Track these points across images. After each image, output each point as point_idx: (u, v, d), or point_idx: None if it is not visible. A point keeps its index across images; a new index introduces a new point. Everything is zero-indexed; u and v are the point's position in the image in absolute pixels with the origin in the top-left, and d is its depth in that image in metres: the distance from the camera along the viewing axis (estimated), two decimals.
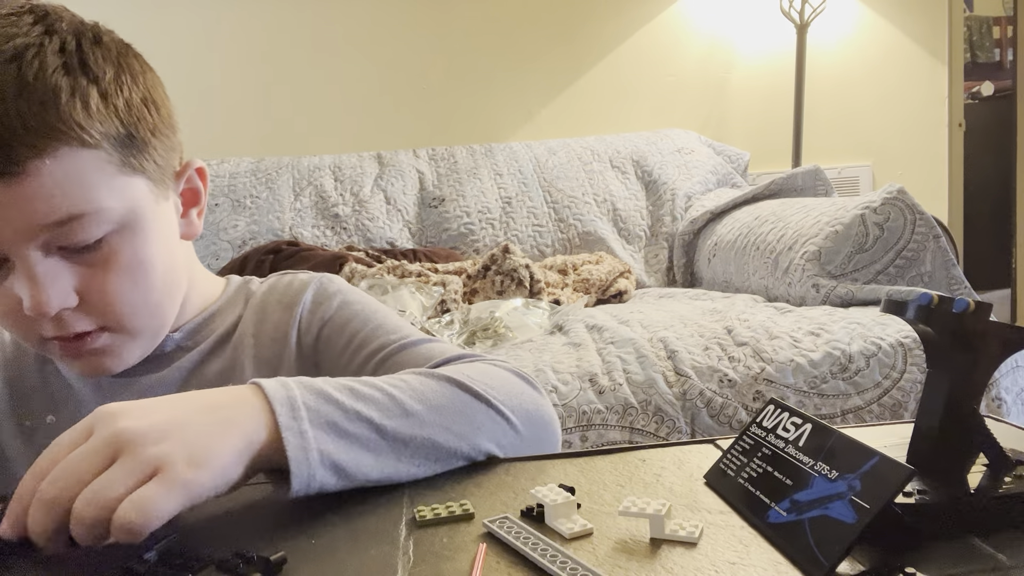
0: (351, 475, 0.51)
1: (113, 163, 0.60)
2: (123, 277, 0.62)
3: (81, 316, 0.61)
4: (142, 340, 0.66)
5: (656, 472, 0.54)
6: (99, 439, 0.45)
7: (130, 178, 0.62)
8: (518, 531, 0.44)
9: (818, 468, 0.44)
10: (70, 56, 0.59)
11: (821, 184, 2.05)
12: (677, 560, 0.42)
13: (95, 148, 0.58)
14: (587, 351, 1.38)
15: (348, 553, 0.44)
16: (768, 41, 2.78)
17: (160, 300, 0.66)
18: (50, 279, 0.59)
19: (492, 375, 0.63)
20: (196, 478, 0.45)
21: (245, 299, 0.76)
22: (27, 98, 0.55)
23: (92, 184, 0.58)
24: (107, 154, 0.59)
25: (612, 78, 2.76)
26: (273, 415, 0.50)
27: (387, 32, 2.64)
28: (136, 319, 0.64)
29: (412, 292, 1.74)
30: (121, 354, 0.65)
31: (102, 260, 0.61)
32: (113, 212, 0.60)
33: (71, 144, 0.57)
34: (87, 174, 0.58)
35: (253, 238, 2.14)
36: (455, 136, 2.66)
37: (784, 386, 1.28)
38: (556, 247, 2.24)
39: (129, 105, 0.61)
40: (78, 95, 0.58)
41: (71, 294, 0.60)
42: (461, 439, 0.56)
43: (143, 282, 0.63)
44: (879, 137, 2.87)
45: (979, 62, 4.22)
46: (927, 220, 1.54)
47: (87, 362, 0.64)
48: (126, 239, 0.62)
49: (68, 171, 0.57)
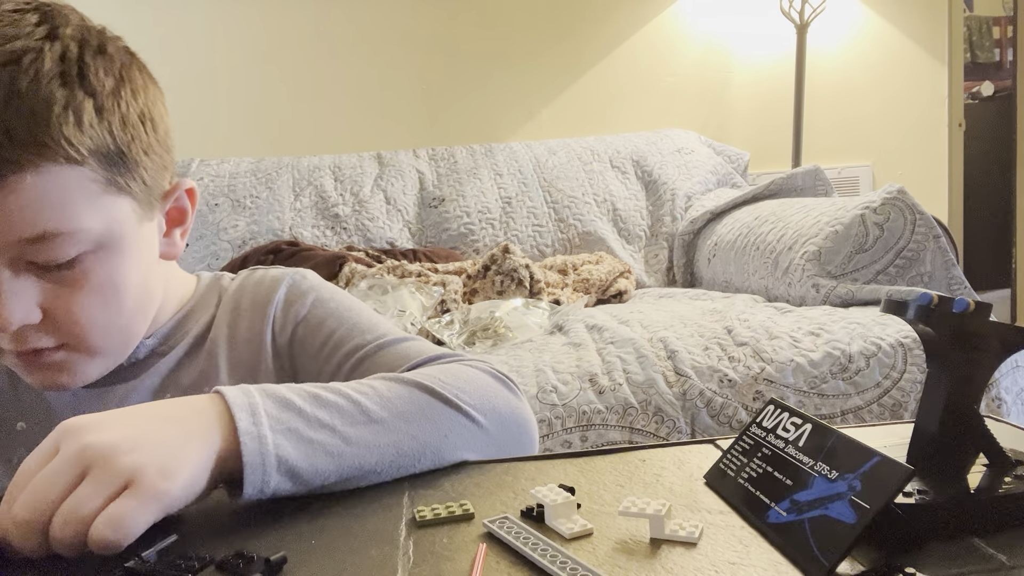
0: (307, 481, 0.51)
1: (98, 181, 0.57)
2: (93, 298, 0.60)
3: (42, 333, 0.59)
4: (102, 359, 0.64)
5: (656, 472, 0.54)
6: (66, 456, 0.44)
7: (114, 198, 0.59)
8: (518, 531, 0.44)
9: (818, 468, 0.44)
10: (70, 65, 0.56)
11: (821, 184, 2.05)
12: (677, 560, 0.42)
13: (81, 165, 0.56)
14: (587, 351, 1.38)
15: (348, 553, 0.44)
16: (768, 41, 2.78)
17: (128, 322, 0.64)
18: (13, 294, 0.56)
19: (465, 378, 0.62)
20: (168, 489, 0.45)
21: (218, 296, 0.74)
22: (16, 108, 0.53)
23: (73, 202, 0.56)
24: (93, 172, 0.57)
25: (612, 78, 2.76)
26: (233, 422, 0.49)
27: (387, 32, 2.64)
28: (100, 340, 0.62)
29: (412, 292, 1.74)
30: (77, 371, 0.63)
31: (72, 279, 0.58)
32: (91, 232, 0.57)
33: (56, 160, 0.54)
34: (69, 192, 0.55)
35: (253, 238, 2.14)
36: (455, 136, 2.66)
37: (784, 386, 1.28)
38: (556, 247, 2.24)
39: (125, 122, 0.59)
40: (71, 109, 0.55)
41: (34, 310, 0.58)
42: (426, 447, 0.56)
43: (113, 304, 0.61)
44: (879, 137, 2.87)
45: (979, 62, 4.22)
46: (927, 220, 1.54)
47: (43, 376, 0.62)
48: (101, 260, 0.59)
49: (49, 188, 0.54)
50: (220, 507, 0.52)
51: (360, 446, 0.53)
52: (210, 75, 2.54)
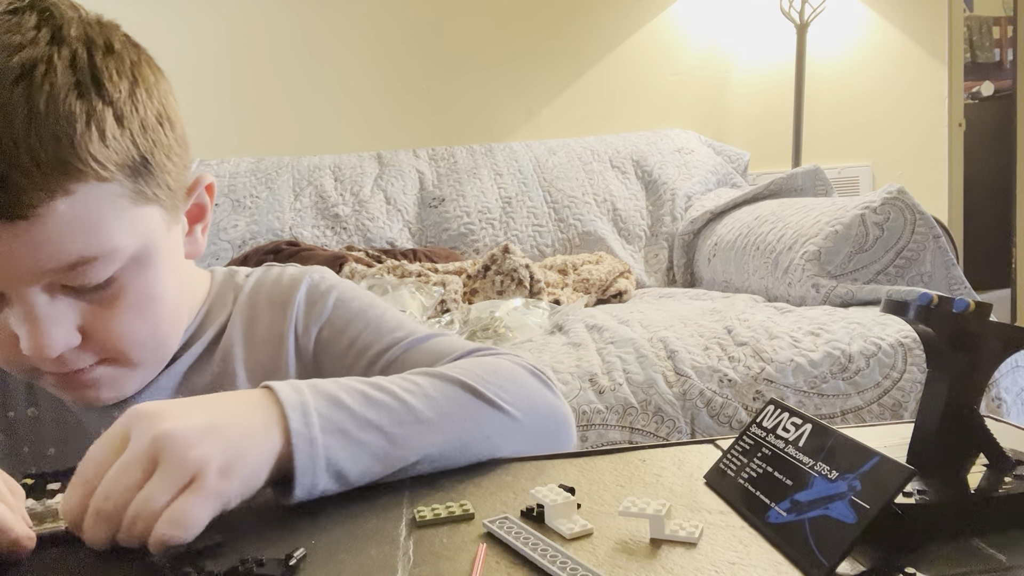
0: (353, 482, 0.51)
1: (127, 196, 0.55)
2: (132, 313, 0.58)
3: (83, 353, 0.58)
4: (143, 371, 0.63)
5: (656, 472, 0.54)
6: (139, 446, 0.44)
7: (143, 209, 0.57)
8: (518, 531, 0.44)
9: (818, 468, 0.44)
10: (82, 72, 0.53)
11: (821, 184, 2.05)
12: (677, 560, 0.42)
13: (109, 182, 0.53)
14: (587, 351, 1.38)
15: (348, 553, 0.44)
16: (768, 41, 2.78)
17: (167, 332, 0.63)
18: (53, 321, 0.54)
19: (505, 375, 0.61)
20: (228, 487, 0.45)
21: (233, 294, 0.73)
22: (38, 130, 0.49)
23: (105, 223, 0.54)
24: (121, 187, 0.55)
25: (612, 78, 2.76)
26: (286, 420, 0.49)
27: (387, 32, 2.64)
28: (141, 352, 0.61)
29: (412, 292, 1.74)
30: (118, 386, 0.62)
31: (110, 298, 0.57)
32: (126, 250, 0.56)
33: (87, 181, 0.52)
34: (101, 212, 0.53)
35: (253, 238, 2.14)
36: (455, 136, 2.66)
37: (784, 386, 1.28)
38: (556, 247, 2.24)
39: (144, 127, 0.56)
40: (94, 123, 0.52)
41: (74, 333, 0.56)
42: (468, 447, 0.56)
43: (152, 316, 0.60)
44: (879, 137, 2.87)
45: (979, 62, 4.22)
46: (927, 220, 1.54)
47: (84, 394, 0.61)
48: (137, 275, 0.58)
49: (80, 212, 0.52)
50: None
51: (405, 447, 0.53)
52: (210, 75, 2.54)
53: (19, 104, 0.49)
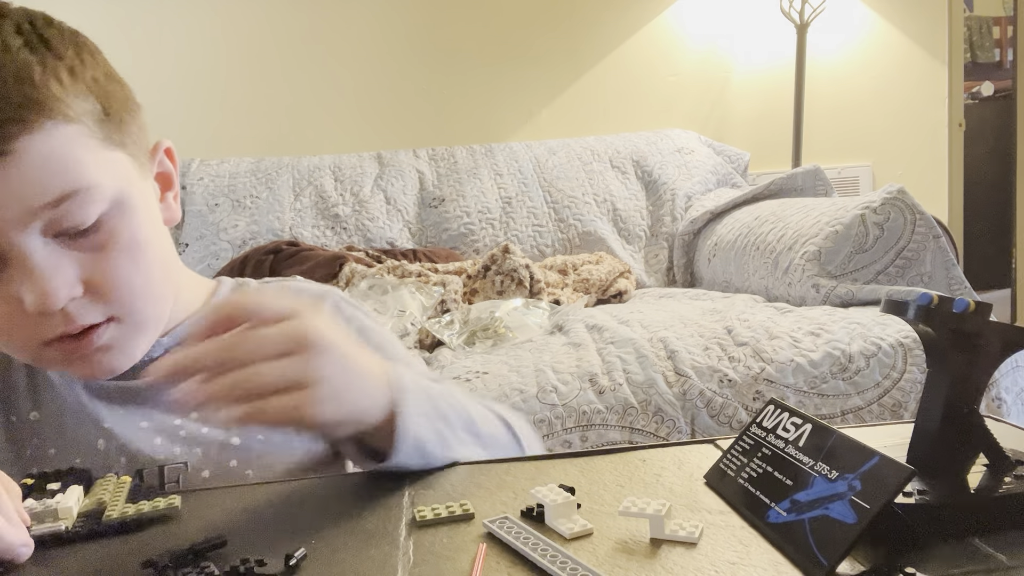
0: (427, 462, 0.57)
1: (96, 138, 0.58)
2: (124, 258, 0.60)
3: (88, 305, 0.59)
4: (146, 332, 0.65)
5: (656, 472, 0.54)
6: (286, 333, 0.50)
7: (113, 153, 0.60)
8: (518, 531, 0.44)
9: (818, 468, 0.44)
10: (29, 36, 0.57)
11: (821, 184, 2.05)
12: (677, 560, 0.42)
13: (77, 123, 0.57)
14: (587, 351, 1.38)
15: (348, 553, 0.44)
16: (768, 41, 2.78)
17: (160, 286, 0.65)
18: (52, 269, 0.56)
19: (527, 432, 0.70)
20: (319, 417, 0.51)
21: None
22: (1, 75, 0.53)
23: (80, 160, 0.57)
24: (88, 129, 0.58)
25: (612, 78, 2.76)
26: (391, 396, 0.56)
27: (387, 32, 2.64)
28: (141, 304, 0.62)
29: (412, 292, 1.74)
30: (127, 348, 0.63)
31: (101, 244, 0.59)
32: (105, 189, 0.58)
33: (55, 118, 0.55)
34: (75, 149, 0.56)
35: (253, 238, 2.13)
36: (455, 136, 2.66)
37: (784, 386, 1.28)
38: (556, 247, 2.24)
39: (96, 81, 0.60)
40: (50, 71, 0.56)
41: (76, 283, 0.58)
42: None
43: (143, 263, 0.62)
44: (879, 137, 2.87)
45: (979, 62, 4.22)
46: (927, 220, 1.54)
47: (94, 362, 0.62)
48: (122, 219, 0.60)
49: (55, 148, 0.55)
50: (220, 508, 0.52)
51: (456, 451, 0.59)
52: (210, 75, 2.54)
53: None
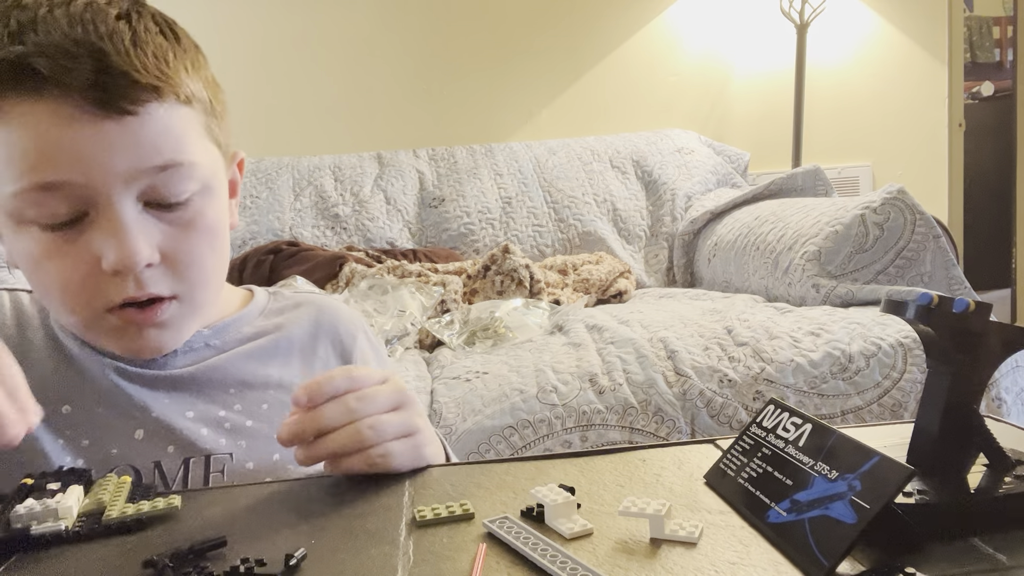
0: None
1: (201, 124, 0.63)
2: (204, 239, 0.64)
3: (160, 276, 0.62)
4: (200, 315, 0.68)
5: (656, 472, 0.54)
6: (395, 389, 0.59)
7: (210, 144, 0.65)
8: (518, 531, 0.44)
9: (818, 468, 0.44)
10: (163, 27, 0.63)
11: (821, 184, 2.05)
12: (677, 560, 0.42)
13: (191, 106, 0.62)
14: (587, 351, 1.38)
15: (348, 553, 0.44)
16: (768, 41, 2.78)
17: (223, 275, 0.69)
18: (140, 231, 0.59)
19: None
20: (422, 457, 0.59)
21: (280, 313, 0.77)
22: (142, 48, 0.59)
23: (189, 137, 0.62)
24: (197, 115, 0.63)
25: (612, 78, 2.76)
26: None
27: (387, 32, 2.64)
28: (206, 288, 0.66)
29: (412, 292, 1.74)
30: (180, 328, 0.66)
31: (187, 220, 0.62)
32: (203, 169, 0.63)
33: (178, 97, 0.61)
34: (186, 127, 0.61)
35: (253, 238, 2.13)
36: (455, 136, 2.66)
37: (784, 386, 1.28)
38: (556, 247, 2.24)
39: (208, 80, 0.66)
40: (179, 57, 0.62)
41: (156, 250, 0.60)
42: None
43: (217, 248, 0.66)
44: (879, 137, 2.87)
45: (979, 62, 4.22)
46: (927, 220, 1.54)
47: (146, 336, 0.64)
48: (208, 202, 0.64)
49: (172, 121, 0.60)
50: (220, 508, 0.52)
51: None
52: None
53: (124, 31, 0.59)
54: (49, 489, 0.52)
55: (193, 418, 0.67)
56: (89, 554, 0.46)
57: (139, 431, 0.65)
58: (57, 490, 0.51)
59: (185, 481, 0.66)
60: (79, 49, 0.57)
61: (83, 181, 0.57)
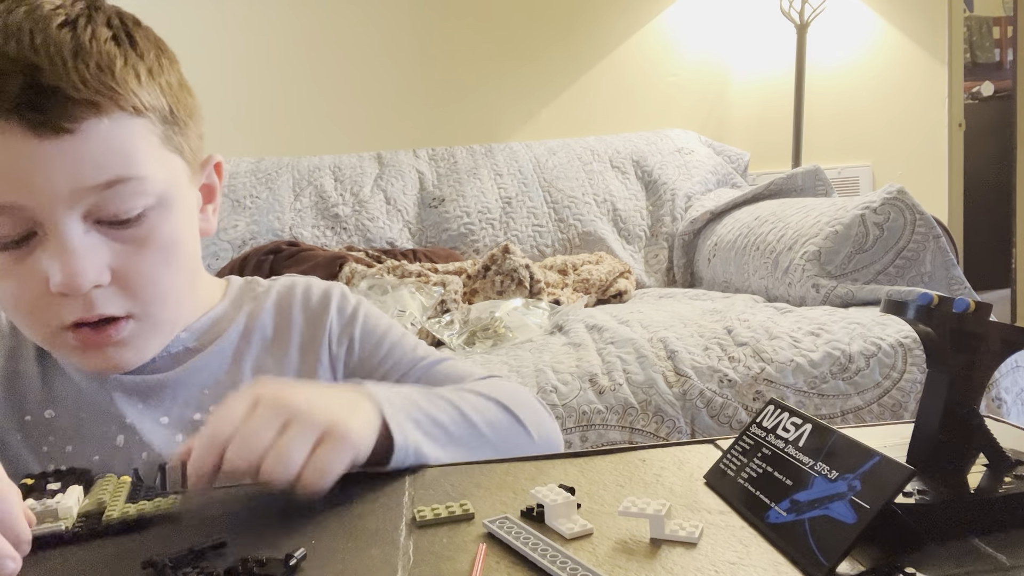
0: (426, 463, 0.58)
1: (157, 135, 0.61)
2: (158, 256, 0.61)
3: (111, 296, 0.60)
4: (161, 333, 0.66)
5: (656, 472, 0.54)
6: (270, 409, 0.50)
7: (170, 154, 0.62)
8: (518, 531, 0.44)
9: (818, 468, 0.44)
10: (118, 31, 0.60)
11: (821, 184, 2.05)
12: (677, 560, 0.42)
13: (143, 117, 0.59)
14: (587, 351, 1.38)
15: (348, 553, 0.44)
16: (768, 41, 2.78)
17: (183, 291, 0.66)
18: (86, 252, 0.57)
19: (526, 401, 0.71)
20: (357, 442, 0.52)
21: (253, 301, 0.75)
22: (85, 60, 0.56)
23: (139, 151, 0.59)
24: (153, 125, 0.60)
25: (612, 78, 2.76)
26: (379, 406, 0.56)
27: (387, 32, 2.64)
28: (163, 305, 0.63)
29: (412, 292, 1.74)
30: (140, 347, 0.64)
31: (140, 237, 0.60)
32: (156, 184, 0.60)
33: (126, 109, 0.58)
34: (136, 141, 0.59)
35: (253, 238, 2.13)
36: (455, 136, 2.66)
37: (784, 386, 1.28)
38: (556, 247, 2.24)
39: (170, 85, 0.63)
40: (131, 65, 0.59)
41: (105, 270, 0.58)
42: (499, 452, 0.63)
43: (175, 264, 0.63)
44: (879, 137, 2.87)
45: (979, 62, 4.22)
46: (927, 220, 1.54)
47: (105, 356, 0.62)
48: (164, 217, 0.61)
49: (118, 135, 0.57)
50: (221, 508, 0.52)
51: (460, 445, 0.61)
52: (210, 75, 2.54)
53: (66, 41, 0.56)
54: (49, 489, 0.52)
55: (168, 424, 0.67)
56: (89, 554, 0.46)
57: (120, 437, 0.65)
58: (57, 490, 0.51)
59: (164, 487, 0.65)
60: (10, 66, 0.54)
61: (25, 203, 0.56)
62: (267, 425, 0.50)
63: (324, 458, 0.50)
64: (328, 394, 0.55)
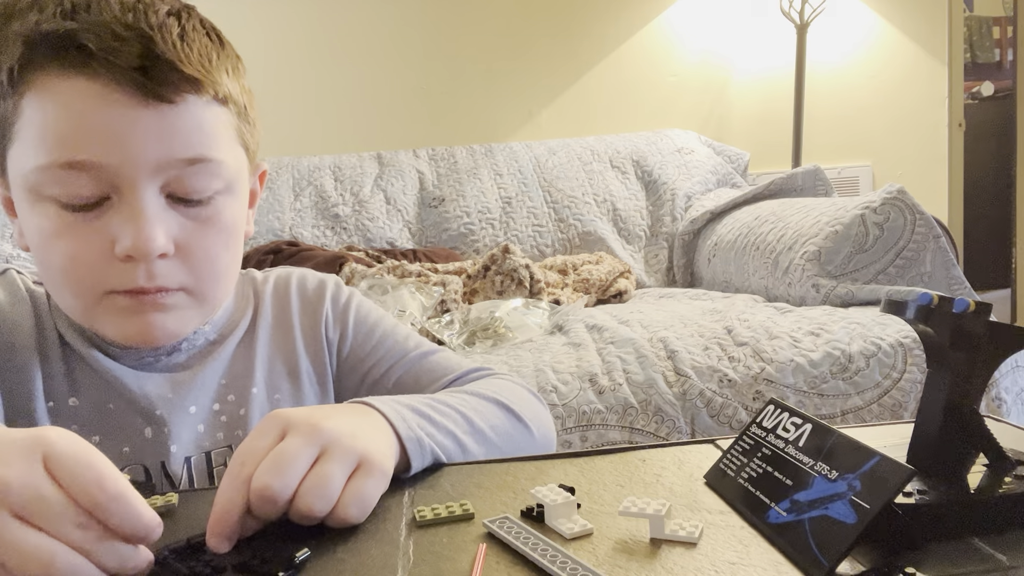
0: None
1: (233, 127, 0.65)
2: (220, 238, 0.64)
3: (171, 268, 0.61)
4: (204, 311, 0.67)
5: (656, 472, 0.54)
6: (305, 436, 0.48)
7: (238, 148, 0.66)
8: (518, 531, 0.44)
9: (818, 468, 0.44)
10: (210, 31, 0.65)
11: (821, 184, 2.05)
12: (677, 560, 0.42)
13: (226, 107, 0.63)
14: (587, 351, 1.38)
15: (348, 553, 0.44)
16: (768, 41, 2.78)
17: (232, 276, 0.69)
18: (159, 220, 0.59)
19: (521, 397, 0.72)
20: (389, 469, 0.51)
21: (254, 293, 0.77)
22: (188, 43, 0.60)
23: (221, 136, 0.63)
24: (231, 117, 0.64)
25: (612, 78, 2.76)
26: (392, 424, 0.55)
27: (387, 32, 2.64)
28: (216, 284, 0.66)
29: (412, 292, 1.74)
30: (183, 320, 0.65)
31: (206, 217, 0.63)
32: (229, 169, 0.63)
33: (216, 96, 0.62)
34: (219, 125, 0.63)
35: (253, 238, 2.13)
36: (455, 136, 2.66)
37: (784, 386, 1.28)
38: (556, 247, 2.24)
39: (243, 87, 0.67)
40: (222, 60, 0.64)
41: (171, 242, 0.61)
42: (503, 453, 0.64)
43: (233, 248, 0.66)
44: (879, 137, 2.87)
45: (979, 62, 4.21)
46: (927, 220, 1.54)
47: (147, 322, 0.62)
48: (229, 202, 0.65)
49: (208, 117, 0.61)
50: None
51: (467, 451, 0.61)
52: None
53: (173, 25, 0.60)
54: None
55: (194, 414, 0.68)
56: None
57: (148, 429, 0.66)
58: None
59: (191, 479, 0.66)
60: (129, 32, 0.58)
61: (111, 164, 0.58)
62: (301, 454, 0.47)
63: (363, 488, 0.48)
64: (351, 419, 0.53)
